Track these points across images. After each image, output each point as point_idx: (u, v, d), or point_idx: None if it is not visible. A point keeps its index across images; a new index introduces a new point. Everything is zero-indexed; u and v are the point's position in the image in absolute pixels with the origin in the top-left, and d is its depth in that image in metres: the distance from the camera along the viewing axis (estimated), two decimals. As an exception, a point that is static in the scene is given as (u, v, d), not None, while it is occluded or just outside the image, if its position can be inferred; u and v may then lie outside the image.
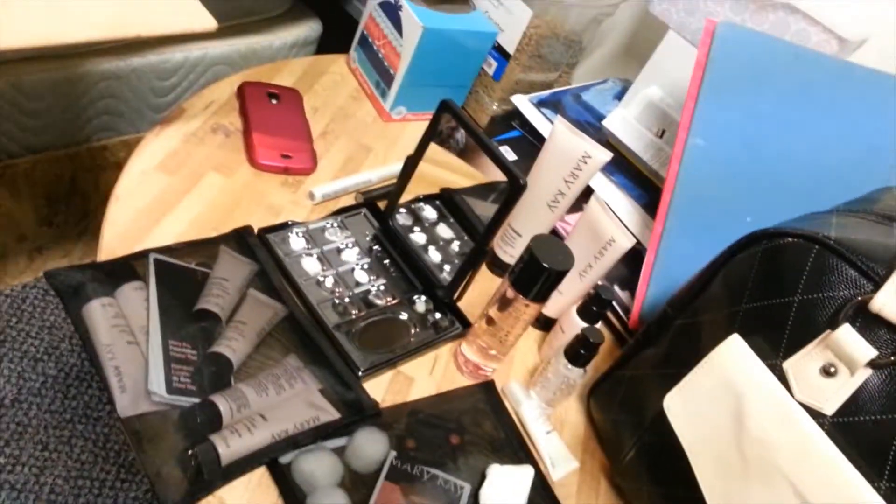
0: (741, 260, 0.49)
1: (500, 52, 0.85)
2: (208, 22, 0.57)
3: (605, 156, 0.62)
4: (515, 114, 0.85)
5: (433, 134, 0.63)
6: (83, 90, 0.90)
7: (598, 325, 0.60)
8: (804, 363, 0.43)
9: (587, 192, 0.68)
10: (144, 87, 0.96)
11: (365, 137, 0.80)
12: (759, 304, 0.47)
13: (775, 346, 0.45)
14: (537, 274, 0.53)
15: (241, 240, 0.61)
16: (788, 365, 0.44)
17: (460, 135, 0.90)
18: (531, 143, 0.82)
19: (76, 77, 0.87)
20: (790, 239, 0.45)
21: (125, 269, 0.54)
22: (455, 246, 0.71)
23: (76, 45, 0.55)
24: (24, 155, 0.90)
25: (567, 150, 0.63)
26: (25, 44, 0.47)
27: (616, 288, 0.70)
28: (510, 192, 0.57)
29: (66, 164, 0.95)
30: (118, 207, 0.60)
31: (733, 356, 0.46)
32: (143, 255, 0.55)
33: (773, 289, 0.46)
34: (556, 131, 0.63)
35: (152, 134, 0.68)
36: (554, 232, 0.73)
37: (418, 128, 0.86)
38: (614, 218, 0.61)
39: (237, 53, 1.00)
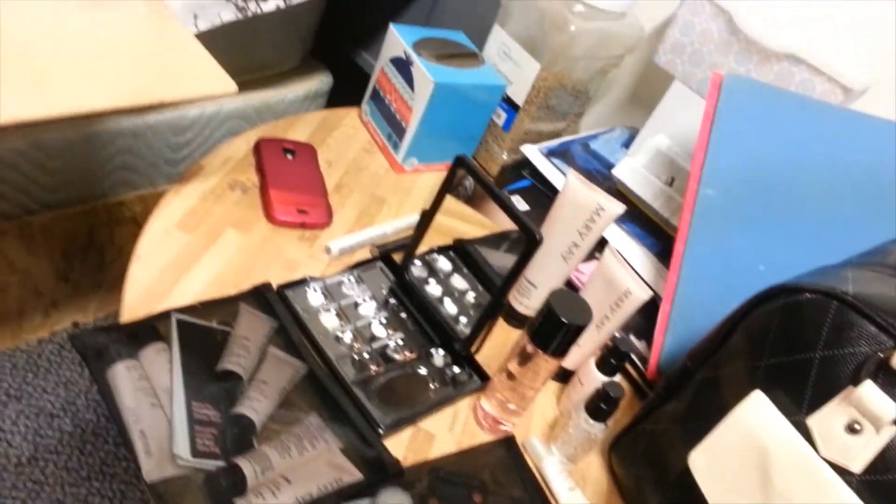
0: (760, 315, 0.49)
1: (510, 104, 0.87)
2: (229, 85, 0.58)
3: (619, 208, 0.63)
4: (525, 163, 0.87)
5: (448, 189, 0.64)
6: (101, 147, 0.92)
7: (618, 378, 0.60)
8: (828, 420, 0.43)
9: (601, 242, 0.68)
10: (160, 142, 0.97)
11: (378, 189, 0.82)
12: (781, 360, 0.47)
13: (798, 403, 0.45)
14: (556, 329, 0.53)
15: (261, 297, 0.61)
16: (812, 422, 0.44)
17: (469, 182, 0.91)
18: (542, 192, 0.84)
19: (94, 135, 0.89)
20: (808, 295, 0.46)
21: (148, 331, 0.54)
22: (470, 297, 0.72)
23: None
24: (41, 211, 0.92)
25: (580, 203, 0.64)
26: (51, 115, 0.49)
27: (632, 337, 0.71)
28: (526, 247, 0.58)
29: (83, 220, 0.97)
30: (139, 267, 0.61)
31: (757, 413, 0.46)
32: (166, 315, 0.55)
33: (794, 344, 0.46)
34: (569, 185, 0.64)
35: (172, 192, 0.69)
36: (569, 283, 0.73)
37: (430, 178, 0.87)
38: (629, 269, 0.61)
39: (251, 108, 1.03)
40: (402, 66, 0.82)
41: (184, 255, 0.63)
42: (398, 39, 0.82)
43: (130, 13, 0.59)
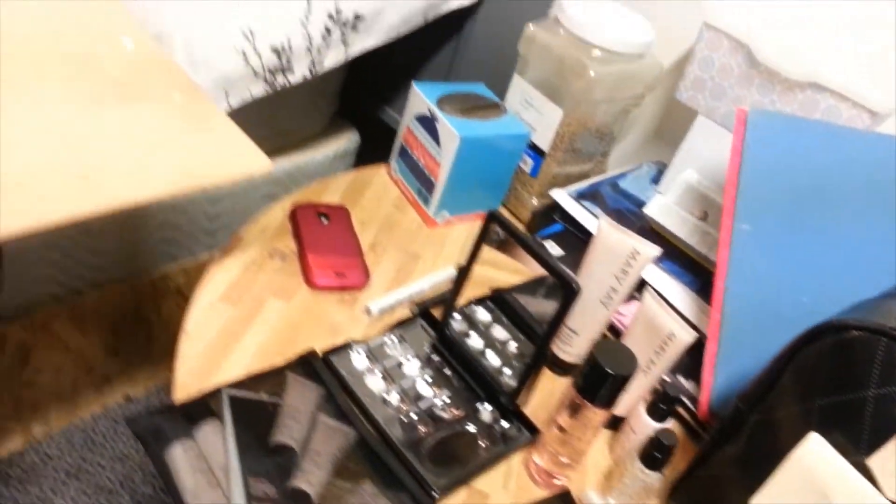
0: (809, 354, 0.49)
1: (535, 150, 0.88)
2: (264, 164, 0.60)
3: (654, 251, 0.63)
4: (556, 207, 0.87)
5: (482, 244, 0.65)
6: (142, 224, 0.95)
7: (669, 421, 0.60)
8: (889, 459, 0.42)
9: (640, 282, 0.68)
10: (198, 213, 1.01)
11: (412, 245, 0.83)
12: (834, 400, 0.46)
13: (856, 443, 0.44)
14: (602, 380, 0.53)
15: (307, 365, 0.62)
16: (873, 462, 0.43)
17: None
18: (575, 235, 0.84)
19: (136, 213, 0.93)
20: (856, 332, 0.45)
21: (201, 409, 0.55)
22: (512, 347, 0.72)
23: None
24: (89, 290, 0.95)
25: (614, 249, 0.64)
26: (97, 212, 0.51)
27: (680, 378, 0.70)
28: (565, 297, 0.58)
29: (130, 296, 1.00)
30: (188, 344, 0.62)
31: (816, 456, 0.45)
32: (217, 392, 0.57)
33: (846, 383, 0.46)
34: (602, 231, 0.65)
35: (214, 265, 0.71)
36: (611, 327, 0.73)
37: (463, 229, 0.88)
38: (670, 311, 0.61)
39: (283, 172, 1.05)
40: (427, 122, 0.83)
41: (230, 327, 0.65)
42: (421, 97, 0.84)
43: (167, 102, 0.62)
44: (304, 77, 0.87)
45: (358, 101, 1.23)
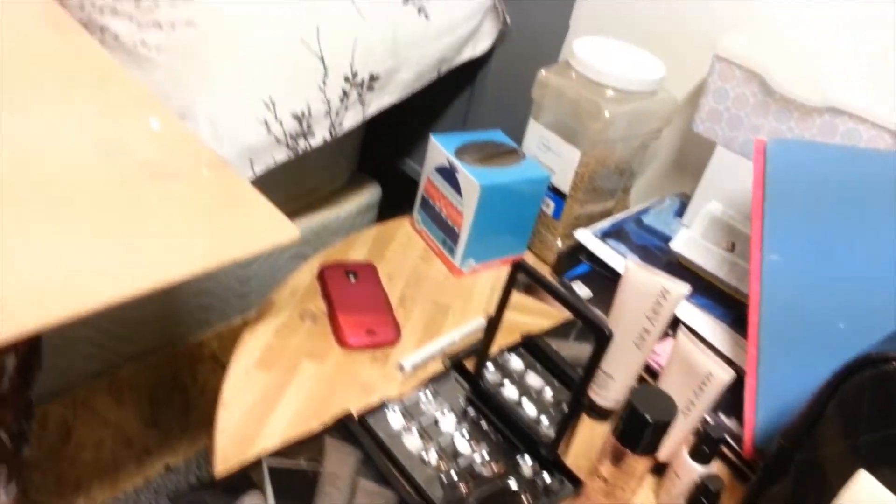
0: (850, 388, 0.48)
1: (556, 192, 0.88)
2: (293, 233, 0.61)
3: (684, 289, 0.62)
4: (581, 247, 0.87)
5: (510, 293, 0.65)
6: (175, 293, 0.97)
7: (714, 463, 0.59)
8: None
9: (673, 319, 0.68)
10: (230, 278, 1.02)
11: (440, 296, 0.83)
12: (879, 435, 0.45)
13: (910, 480, 0.43)
14: (642, 427, 0.52)
15: (344, 428, 0.63)
16: (930, 500, 0.41)
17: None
18: (602, 275, 0.84)
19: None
20: (897, 364, 0.44)
21: (242, 481, 0.56)
22: (548, 394, 0.71)
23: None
24: (125, 363, 0.97)
25: (644, 289, 0.64)
26: (132, 294, 0.52)
27: (722, 416, 0.69)
28: (598, 343, 0.58)
29: (166, 366, 1.01)
30: (227, 414, 0.63)
31: (866, 494, 0.44)
32: (257, 463, 0.57)
33: (890, 418, 0.44)
34: (630, 273, 0.65)
35: (248, 331, 0.72)
36: (647, 367, 0.72)
37: (489, 276, 0.89)
38: (706, 349, 0.60)
39: (309, 231, 1.07)
40: (447, 173, 0.85)
41: (266, 394, 0.66)
42: (440, 149, 0.85)
43: (196, 178, 0.64)
44: (324, 140, 0.89)
45: (377, 154, 1.25)
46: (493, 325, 0.67)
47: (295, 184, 1.06)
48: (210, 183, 0.64)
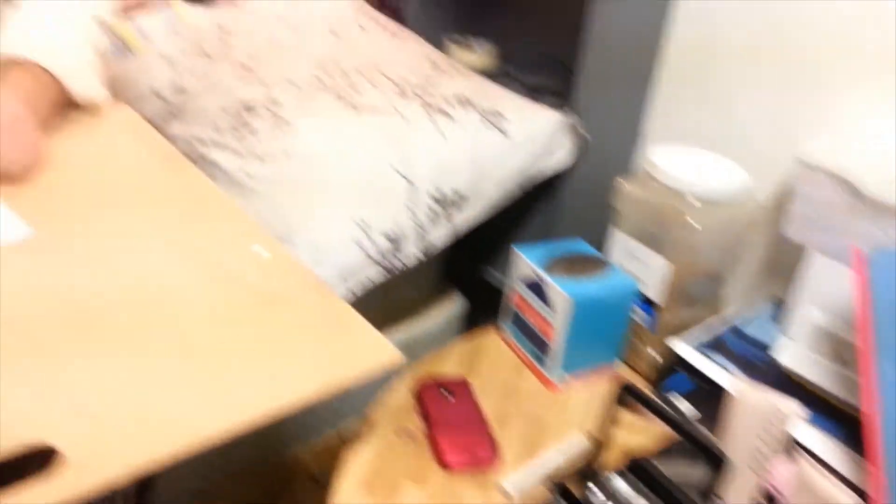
0: None
1: (646, 301, 0.88)
2: (396, 357, 0.63)
3: (798, 409, 0.61)
4: (677, 358, 0.86)
5: (615, 414, 0.64)
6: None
7: None
8: None
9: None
10: (324, 393, 1.04)
11: (536, 411, 0.83)
12: None
13: None
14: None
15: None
16: None
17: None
18: (702, 388, 0.81)
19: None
20: None
21: None
22: (657, 519, 0.69)
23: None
24: (222, 480, 0.98)
25: (756, 411, 0.62)
26: (243, 428, 0.54)
27: (847, 543, 0.65)
28: (716, 470, 0.56)
29: (262, 483, 1.02)
30: (335, 542, 0.63)
31: None
32: None
33: None
34: (741, 396, 0.63)
35: (349, 452, 0.73)
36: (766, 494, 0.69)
37: (584, 390, 0.87)
38: (829, 476, 0.58)
39: (400, 343, 1.08)
40: (535, 286, 0.86)
41: (372, 520, 0.66)
42: (526, 262, 0.87)
43: (304, 303, 0.67)
44: (416, 258, 0.92)
45: (461, 264, 1.28)
46: (597, 446, 0.66)
47: (386, 301, 1.09)
48: (316, 309, 0.67)
